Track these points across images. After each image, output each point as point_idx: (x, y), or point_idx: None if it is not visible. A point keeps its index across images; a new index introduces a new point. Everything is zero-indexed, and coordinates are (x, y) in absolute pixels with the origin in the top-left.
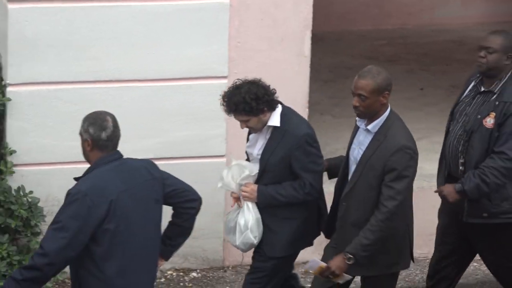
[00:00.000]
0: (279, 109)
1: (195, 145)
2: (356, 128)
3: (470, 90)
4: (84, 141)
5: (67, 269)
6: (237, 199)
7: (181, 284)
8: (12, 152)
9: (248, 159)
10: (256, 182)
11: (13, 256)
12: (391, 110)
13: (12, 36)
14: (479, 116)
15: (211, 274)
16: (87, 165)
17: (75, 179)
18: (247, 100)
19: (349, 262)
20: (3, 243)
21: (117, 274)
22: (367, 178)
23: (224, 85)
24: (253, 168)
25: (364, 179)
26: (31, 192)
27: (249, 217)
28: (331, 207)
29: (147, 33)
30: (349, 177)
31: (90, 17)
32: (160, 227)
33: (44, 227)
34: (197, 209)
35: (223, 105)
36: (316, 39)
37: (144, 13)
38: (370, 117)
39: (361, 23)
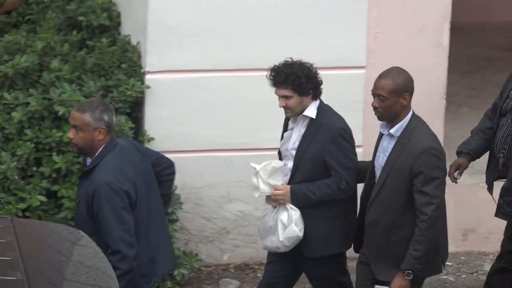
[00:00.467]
0: (318, 102)
1: None
2: (380, 135)
3: None
4: (94, 130)
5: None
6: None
7: None
8: (150, 139)
9: (280, 159)
10: (290, 179)
11: None
12: (413, 113)
13: (152, 24)
14: None
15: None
16: (225, 154)
17: (85, 172)
18: (299, 74)
19: (408, 278)
20: None
21: (142, 250)
22: (393, 182)
23: (361, 75)
24: (278, 161)
25: (390, 183)
26: None
27: (291, 212)
28: (357, 219)
29: (288, 22)
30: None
31: (232, 5)
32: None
33: (181, 214)
34: (174, 174)
35: (270, 76)
36: (456, 29)
37: (286, 2)
38: (390, 120)
39: (501, 14)
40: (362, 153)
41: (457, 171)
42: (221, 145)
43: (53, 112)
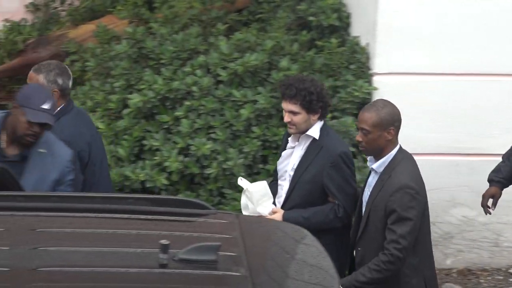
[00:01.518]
0: (322, 122)
1: None
2: (370, 170)
3: None
4: None
5: None
6: None
7: None
8: None
9: (275, 180)
10: (284, 201)
11: None
12: (400, 149)
13: (381, 26)
14: None
15: None
16: (451, 158)
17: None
18: (311, 90)
19: None
20: None
21: None
22: (373, 220)
23: None
24: (255, 185)
25: (371, 222)
26: None
27: None
28: (350, 255)
29: None
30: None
31: (461, 9)
32: None
33: None
34: None
35: (280, 89)
36: None
37: None
38: (375, 155)
39: None
40: None
41: (491, 202)
42: (447, 149)
43: (280, 110)
